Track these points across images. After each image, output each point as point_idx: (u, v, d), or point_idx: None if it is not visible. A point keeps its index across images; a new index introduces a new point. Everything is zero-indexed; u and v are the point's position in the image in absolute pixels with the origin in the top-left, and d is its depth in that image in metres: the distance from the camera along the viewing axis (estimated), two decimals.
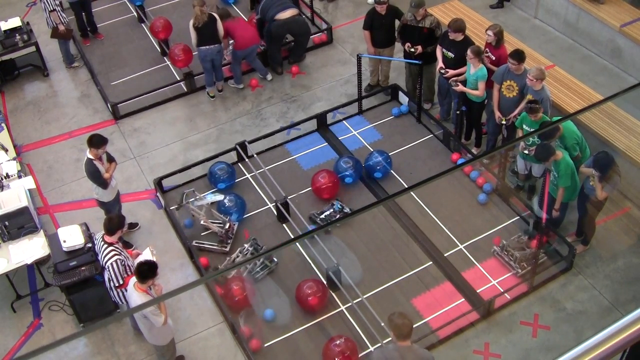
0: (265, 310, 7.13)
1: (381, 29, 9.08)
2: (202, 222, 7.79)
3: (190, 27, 9.28)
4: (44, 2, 10.05)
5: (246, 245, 7.64)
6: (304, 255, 7.74)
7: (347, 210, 8.07)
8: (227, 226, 7.74)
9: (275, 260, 7.54)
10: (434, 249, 7.67)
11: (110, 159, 7.49)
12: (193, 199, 7.80)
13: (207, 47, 9.36)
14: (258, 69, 10.15)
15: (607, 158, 6.94)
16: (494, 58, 8.18)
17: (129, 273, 6.46)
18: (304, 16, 10.77)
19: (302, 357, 6.86)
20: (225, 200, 7.99)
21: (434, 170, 8.48)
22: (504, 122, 7.92)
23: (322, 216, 7.99)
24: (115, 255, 6.37)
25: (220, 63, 9.68)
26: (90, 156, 7.19)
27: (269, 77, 10.18)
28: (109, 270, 6.39)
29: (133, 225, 8.18)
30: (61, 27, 10.19)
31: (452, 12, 10.23)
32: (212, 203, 7.88)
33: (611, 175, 6.94)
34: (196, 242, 7.83)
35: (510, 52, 7.77)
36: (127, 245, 7.87)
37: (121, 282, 6.43)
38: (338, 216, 7.97)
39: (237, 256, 7.57)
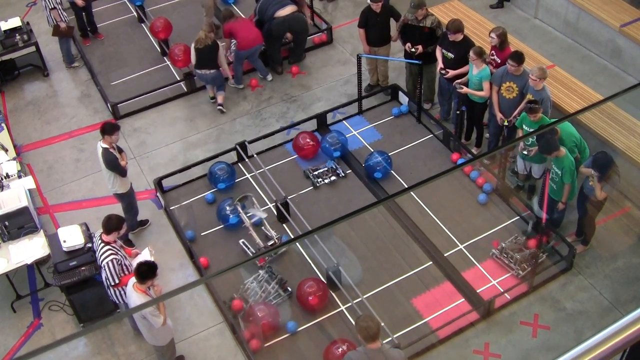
0: (288, 322, 7.00)
1: (376, 27, 9.07)
2: (248, 228, 7.74)
3: (192, 47, 9.34)
4: (45, 0, 10.05)
5: (261, 272, 7.41)
6: (304, 255, 7.74)
7: (340, 171, 8.50)
8: (270, 242, 7.65)
9: (290, 289, 7.30)
10: (434, 249, 7.67)
11: (120, 150, 7.50)
12: (245, 206, 7.83)
13: (203, 71, 9.43)
14: (259, 69, 10.15)
15: (605, 158, 6.94)
16: (499, 61, 8.16)
17: (126, 272, 6.47)
18: (302, 13, 10.74)
19: (302, 357, 6.86)
20: (225, 205, 7.99)
21: (434, 170, 8.48)
22: (506, 123, 7.91)
23: (316, 173, 8.49)
24: (111, 254, 6.37)
25: (216, 83, 9.65)
26: (105, 145, 7.20)
27: (269, 77, 10.18)
28: (105, 270, 6.39)
29: (143, 223, 8.20)
30: (62, 25, 10.18)
31: (452, 12, 10.23)
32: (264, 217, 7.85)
33: (610, 175, 6.94)
34: (242, 242, 7.78)
35: (510, 53, 7.77)
36: (128, 244, 7.90)
37: (117, 281, 6.43)
38: (332, 176, 8.52)
39: (252, 282, 7.35)
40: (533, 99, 7.29)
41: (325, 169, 8.57)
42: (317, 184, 8.45)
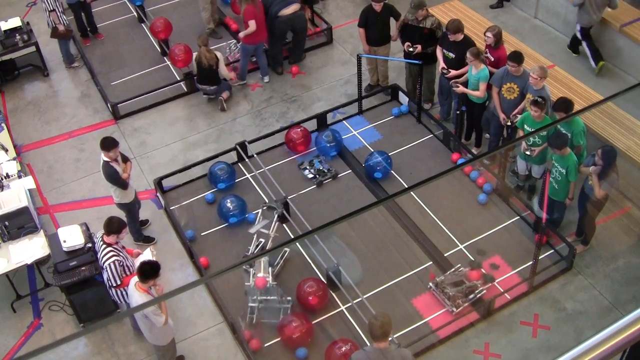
0: (298, 349, 6.82)
1: (376, 26, 9.07)
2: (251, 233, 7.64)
3: (193, 60, 9.52)
4: (44, 2, 10.05)
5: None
6: (304, 255, 7.74)
7: (327, 169, 8.60)
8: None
9: (290, 299, 7.16)
10: (434, 249, 7.67)
11: (125, 159, 7.47)
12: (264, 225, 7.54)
13: (204, 86, 9.66)
14: (262, 67, 10.13)
15: (613, 152, 7.00)
16: (492, 59, 8.18)
17: (128, 273, 6.47)
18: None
19: (302, 357, 6.85)
20: (226, 202, 8.00)
21: (434, 170, 8.48)
22: (509, 123, 7.90)
23: (309, 170, 8.58)
24: (113, 256, 6.37)
25: (219, 93, 9.75)
26: (106, 159, 7.16)
27: (267, 79, 10.15)
28: (107, 271, 6.40)
29: (143, 223, 8.21)
30: (60, 27, 10.19)
31: (452, 12, 10.23)
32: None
33: (609, 173, 6.94)
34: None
35: (508, 54, 7.77)
36: (148, 239, 7.88)
37: (119, 282, 6.44)
38: (323, 176, 8.54)
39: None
40: (539, 95, 7.30)
41: (318, 167, 8.65)
42: (306, 174, 8.60)
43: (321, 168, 8.62)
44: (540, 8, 10.79)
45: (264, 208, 7.77)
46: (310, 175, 8.57)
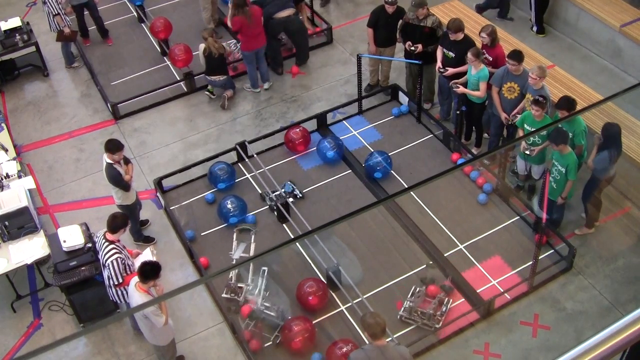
0: (314, 354, 6.76)
1: (385, 28, 9.08)
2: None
3: (200, 54, 9.42)
4: (48, 6, 10.03)
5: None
6: (304, 255, 7.74)
7: (297, 192, 8.30)
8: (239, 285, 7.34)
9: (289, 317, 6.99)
10: (434, 249, 7.67)
11: (127, 161, 7.46)
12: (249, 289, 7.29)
13: (214, 78, 9.62)
14: (262, 73, 10.05)
15: (613, 127, 7.14)
16: (491, 59, 8.19)
17: (129, 272, 6.47)
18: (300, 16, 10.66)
19: (302, 357, 6.85)
20: (227, 203, 7.99)
21: (434, 170, 8.48)
22: (510, 122, 7.90)
23: (273, 195, 8.12)
24: (116, 253, 6.36)
25: (227, 87, 9.76)
26: (110, 161, 7.16)
27: (266, 85, 10.06)
28: (109, 268, 6.38)
29: (143, 223, 8.21)
30: (66, 30, 10.19)
31: (452, 12, 10.23)
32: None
33: (607, 148, 7.03)
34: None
35: (508, 53, 7.77)
36: (148, 240, 7.90)
37: (120, 280, 6.43)
38: (291, 199, 8.18)
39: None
40: (540, 95, 7.31)
41: (282, 190, 8.23)
42: (274, 208, 8.05)
43: (284, 195, 8.22)
44: None
45: (238, 232, 7.77)
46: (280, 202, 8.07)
